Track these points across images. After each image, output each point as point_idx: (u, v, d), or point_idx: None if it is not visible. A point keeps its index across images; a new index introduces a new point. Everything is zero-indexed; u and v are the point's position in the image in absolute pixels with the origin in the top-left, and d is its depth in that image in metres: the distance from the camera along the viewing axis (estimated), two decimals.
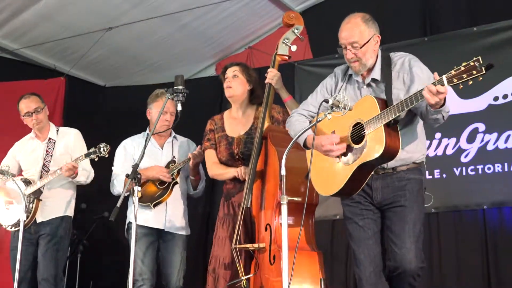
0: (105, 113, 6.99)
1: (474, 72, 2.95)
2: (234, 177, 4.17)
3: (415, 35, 6.01)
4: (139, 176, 3.64)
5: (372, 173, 3.52)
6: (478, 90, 5.49)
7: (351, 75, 3.66)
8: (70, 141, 5.05)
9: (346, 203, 3.68)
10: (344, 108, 3.27)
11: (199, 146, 4.73)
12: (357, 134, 3.46)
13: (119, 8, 6.13)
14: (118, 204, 3.52)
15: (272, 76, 4.11)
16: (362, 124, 3.43)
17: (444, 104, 3.14)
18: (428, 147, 5.55)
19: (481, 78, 2.96)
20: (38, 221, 4.86)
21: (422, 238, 3.50)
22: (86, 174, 4.94)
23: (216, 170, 4.29)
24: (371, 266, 3.52)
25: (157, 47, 6.94)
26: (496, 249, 5.31)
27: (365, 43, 3.51)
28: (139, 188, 3.66)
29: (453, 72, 3.00)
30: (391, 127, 3.35)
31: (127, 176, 3.68)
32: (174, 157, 4.87)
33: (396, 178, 3.52)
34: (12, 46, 6.48)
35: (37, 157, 5.01)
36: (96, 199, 5.02)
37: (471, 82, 2.97)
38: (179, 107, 3.75)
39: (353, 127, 3.48)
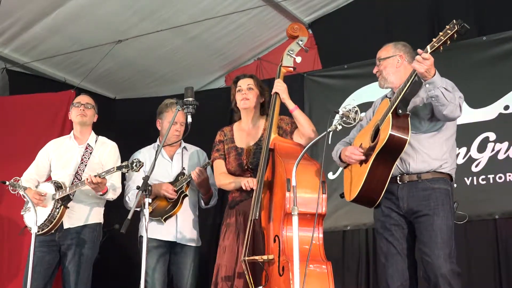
0: (115, 126, 7.00)
1: (449, 31, 3.34)
2: (240, 187, 4.17)
3: (424, 45, 5.97)
4: (149, 188, 3.65)
5: (399, 182, 3.74)
6: (488, 99, 5.48)
7: (388, 97, 3.92)
8: (106, 152, 4.90)
9: (377, 218, 3.88)
10: (354, 119, 3.31)
11: (197, 168, 4.73)
12: (376, 134, 3.72)
13: (128, 21, 6.17)
14: (129, 216, 3.53)
15: (279, 86, 4.13)
16: (378, 124, 3.69)
17: (434, 75, 3.44)
18: None
19: (455, 36, 3.34)
20: (66, 227, 4.70)
21: (453, 246, 3.63)
22: (114, 191, 4.79)
23: (223, 180, 4.30)
24: (399, 280, 3.73)
25: (166, 60, 6.97)
26: (508, 260, 5.27)
27: (386, 58, 3.90)
28: (150, 200, 3.68)
29: (434, 39, 3.41)
30: (401, 118, 3.58)
31: (138, 188, 3.69)
32: (183, 168, 4.89)
33: (421, 188, 3.70)
34: (22, 60, 6.52)
35: (70, 159, 4.86)
36: (106, 210, 5.01)
37: (449, 42, 3.38)
38: (189, 119, 3.78)
39: (373, 129, 3.72)
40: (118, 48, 6.37)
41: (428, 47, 3.41)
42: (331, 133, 3.52)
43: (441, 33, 3.37)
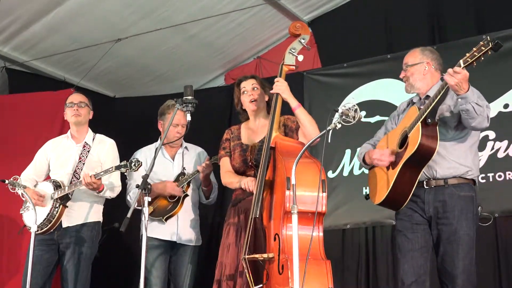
0: (114, 124, 6.99)
1: (483, 48, 3.38)
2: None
3: (424, 43, 5.96)
4: (149, 186, 3.65)
5: (426, 186, 3.85)
6: (488, 97, 5.39)
7: (414, 102, 4.05)
8: (104, 150, 4.89)
9: (399, 217, 3.98)
10: (354, 117, 3.31)
11: (207, 158, 4.80)
12: (404, 140, 3.84)
13: (127, 20, 6.17)
14: (129, 215, 3.53)
15: (280, 85, 4.12)
16: (406, 131, 3.81)
17: (468, 90, 3.54)
18: None
19: (489, 53, 3.38)
20: (64, 225, 4.69)
21: (473, 256, 3.75)
22: (113, 189, 4.78)
23: (228, 178, 4.32)
24: (414, 276, 3.81)
25: (166, 58, 6.97)
26: (508, 258, 5.27)
27: (413, 65, 4.00)
28: (149, 199, 3.67)
29: (467, 54, 3.45)
30: (430, 126, 3.70)
31: (137, 186, 3.69)
32: (184, 168, 4.90)
33: (448, 194, 3.80)
34: (22, 58, 6.52)
35: (68, 158, 4.85)
36: (108, 209, 5.00)
37: (482, 58, 3.41)
38: (189, 117, 3.78)
39: (400, 136, 3.84)
40: (117, 46, 6.37)
41: (461, 61, 3.48)
42: (330, 131, 3.52)
43: (474, 49, 3.43)
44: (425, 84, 3.98)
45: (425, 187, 3.87)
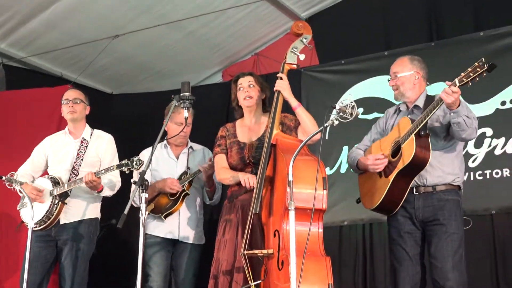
0: (112, 121, 6.99)
1: (478, 69, 3.51)
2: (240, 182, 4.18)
3: (422, 40, 6.02)
4: (146, 182, 3.64)
5: (415, 193, 4.01)
6: (485, 95, 5.48)
7: (401, 110, 4.24)
8: (102, 146, 4.88)
9: (392, 225, 4.16)
10: (351, 114, 3.32)
11: (209, 158, 4.80)
12: (396, 151, 3.99)
13: (125, 16, 6.16)
14: (126, 211, 3.51)
15: (281, 84, 4.13)
16: (399, 141, 3.96)
17: (459, 105, 3.69)
18: None
19: (485, 74, 3.51)
20: (62, 222, 4.68)
21: (462, 254, 3.91)
22: (113, 186, 4.77)
23: (223, 174, 4.32)
24: (409, 284, 4.01)
25: (163, 55, 6.96)
26: (505, 254, 5.28)
27: (403, 74, 4.11)
28: (146, 195, 3.67)
29: (462, 74, 3.57)
30: (422, 138, 3.85)
31: (134, 182, 3.68)
32: (188, 168, 4.92)
33: (436, 199, 3.97)
34: (19, 55, 6.51)
35: (66, 154, 4.84)
36: (104, 205, 4.99)
37: (478, 79, 3.53)
38: (186, 114, 3.78)
39: (393, 145, 4.02)
40: (115, 43, 6.36)
41: (456, 80, 3.60)
42: (328, 128, 3.53)
43: (470, 69, 3.55)
44: (414, 93, 4.13)
45: (415, 193, 4.03)
